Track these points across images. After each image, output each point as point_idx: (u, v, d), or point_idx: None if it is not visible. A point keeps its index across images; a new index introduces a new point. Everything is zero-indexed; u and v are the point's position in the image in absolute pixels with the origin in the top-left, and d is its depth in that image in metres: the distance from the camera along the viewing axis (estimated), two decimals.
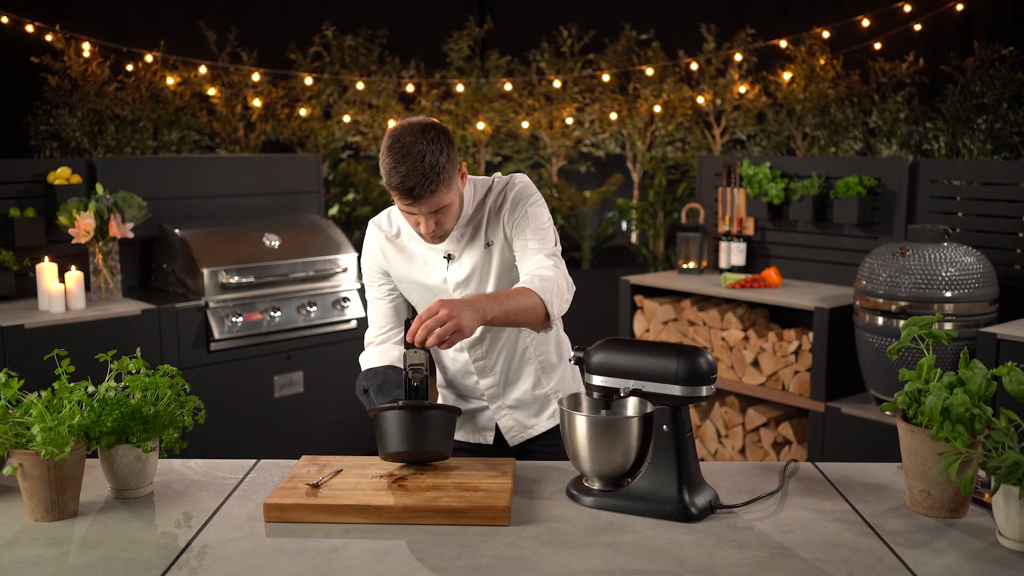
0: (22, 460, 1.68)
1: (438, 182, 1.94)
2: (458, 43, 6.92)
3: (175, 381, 1.88)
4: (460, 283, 2.16)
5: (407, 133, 1.96)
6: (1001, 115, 5.44)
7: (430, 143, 1.94)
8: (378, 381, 2.10)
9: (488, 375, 2.23)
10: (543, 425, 2.29)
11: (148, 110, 6.08)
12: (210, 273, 4.23)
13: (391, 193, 1.97)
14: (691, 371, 1.70)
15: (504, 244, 2.15)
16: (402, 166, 1.93)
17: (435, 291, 2.17)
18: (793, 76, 6.25)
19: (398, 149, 1.95)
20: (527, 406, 2.27)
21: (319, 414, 4.59)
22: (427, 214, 2.00)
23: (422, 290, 2.19)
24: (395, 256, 2.20)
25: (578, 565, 1.53)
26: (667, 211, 6.55)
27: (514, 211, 2.12)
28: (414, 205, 1.97)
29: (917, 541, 1.62)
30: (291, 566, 1.53)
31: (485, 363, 2.22)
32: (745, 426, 4.33)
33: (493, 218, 2.15)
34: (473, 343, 2.20)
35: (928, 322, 1.78)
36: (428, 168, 1.93)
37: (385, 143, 1.98)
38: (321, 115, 6.67)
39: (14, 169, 4.19)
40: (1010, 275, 3.83)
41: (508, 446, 2.29)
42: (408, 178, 1.92)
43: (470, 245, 2.16)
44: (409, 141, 1.95)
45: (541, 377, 2.27)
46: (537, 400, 2.28)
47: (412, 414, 1.83)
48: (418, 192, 1.94)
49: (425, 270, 2.17)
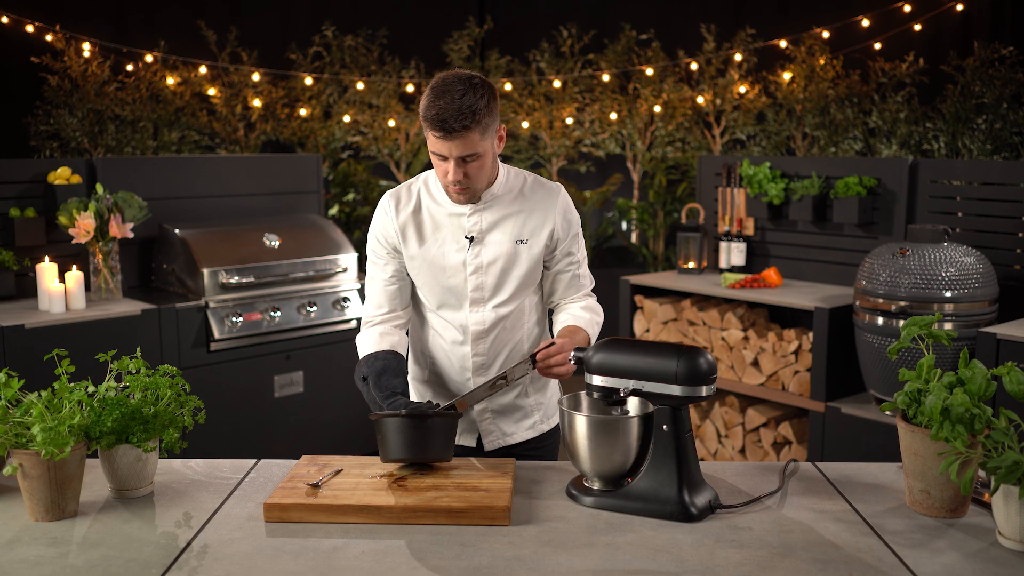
0: (22, 460, 1.68)
1: (473, 121, 1.94)
2: (458, 43, 6.92)
3: (175, 381, 1.88)
4: (479, 269, 2.13)
5: (452, 76, 1.99)
6: (1001, 115, 5.44)
7: (472, 87, 1.96)
8: (378, 368, 2.06)
9: (482, 373, 2.19)
10: (522, 435, 2.26)
11: (148, 110, 6.08)
12: (210, 273, 4.23)
13: (426, 130, 1.98)
14: (691, 371, 1.70)
15: (541, 250, 2.14)
16: (440, 99, 1.94)
17: (449, 273, 2.13)
18: (793, 76, 6.25)
19: (440, 85, 1.97)
20: (510, 413, 2.24)
21: (319, 414, 4.59)
22: (457, 160, 1.98)
23: (434, 271, 2.14)
24: (412, 230, 2.14)
25: (578, 565, 1.53)
26: (667, 211, 6.55)
27: (569, 229, 2.18)
28: (445, 140, 1.95)
29: (917, 541, 1.62)
30: (291, 566, 1.53)
31: (484, 360, 2.18)
32: (745, 426, 4.33)
33: (532, 218, 2.13)
34: (478, 336, 2.16)
35: (928, 322, 1.78)
36: (465, 106, 1.93)
37: (431, 82, 2.00)
38: (321, 115, 6.67)
39: (14, 169, 4.19)
40: (1010, 275, 3.83)
41: (484, 450, 2.26)
42: (444, 110, 1.93)
43: (497, 232, 2.13)
44: (452, 80, 1.97)
45: (529, 387, 2.25)
46: (520, 409, 2.25)
47: (414, 422, 1.82)
48: (451, 125, 1.93)
49: (444, 249, 2.12)
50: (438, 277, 2.14)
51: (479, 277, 2.13)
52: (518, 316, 2.19)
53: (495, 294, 2.14)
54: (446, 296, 2.15)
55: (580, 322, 2.16)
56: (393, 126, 6.56)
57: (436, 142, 1.97)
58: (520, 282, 2.15)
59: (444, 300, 2.16)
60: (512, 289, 2.14)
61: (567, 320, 2.18)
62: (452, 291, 2.14)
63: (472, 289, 2.13)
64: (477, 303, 2.14)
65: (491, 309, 2.15)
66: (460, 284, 2.13)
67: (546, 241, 2.15)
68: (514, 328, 2.19)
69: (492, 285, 2.13)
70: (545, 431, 2.30)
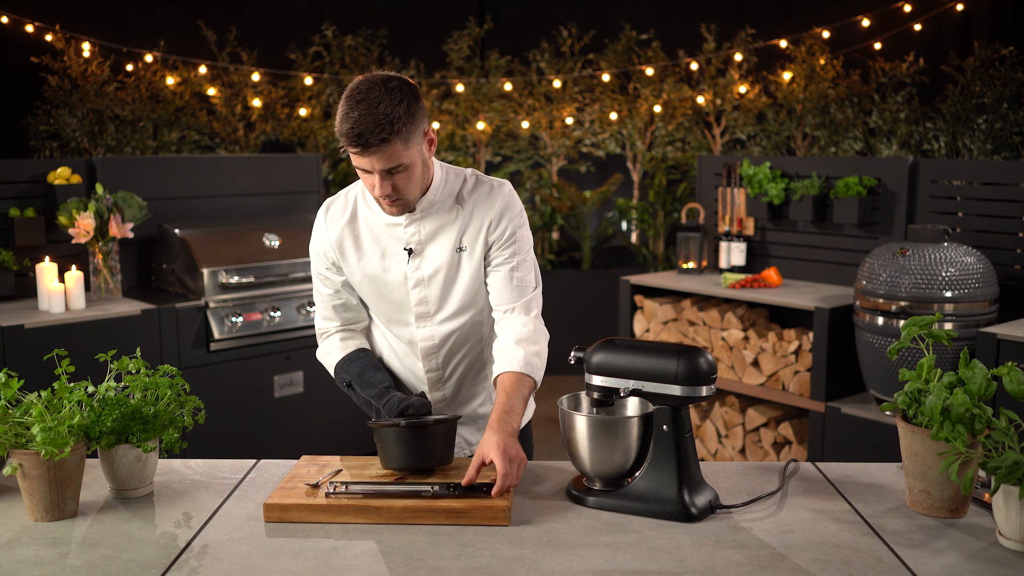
0: (22, 460, 1.68)
1: (391, 132, 1.78)
2: (458, 43, 6.92)
3: (175, 381, 1.88)
4: (421, 281, 2.00)
5: (366, 82, 1.83)
6: (1001, 115, 5.44)
7: (388, 92, 1.80)
8: (356, 369, 2.02)
9: (439, 388, 2.10)
10: None
11: (148, 110, 6.08)
12: (210, 273, 4.23)
13: (343, 144, 1.82)
14: (691, 371, 1.70)
15: (479, 257, 1.99)
16: (354, 111, 1.78)
17: (391, 288, 2.01)
18: (793, 76, 6.25)
19: (353, 95, 1.81)
20: (474, 423, 2.16)
21: (319, 414, 4.59)
22: (382, 173, 1.83)
23: (376, 285, 2.02)
24: (349, 245, 2.01)
25: (578, 565, 1.52)
26: (667, 211, 6.55)
27: (505, 226, 1.98)
28: (363, 156, 1.80)
29: (917, 541, 1.62)
30: (291, 566, 1.53)
31: (438, 375, 2.09)
32: (745, 426, 4.33)
33: (471, 223, 1.98)
34: (428, 352, 2.05)
35: (928, 322, 1.78)
36: (381, 116, 1.77)
37: (344, 94, 1.85)
38: (321, 115, 6.67)
39: (14, 169, 4.19)
40: (1010, 275, 3.83)
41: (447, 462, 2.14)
42: (358, 124, 1.77)
43: (436, 242, 1.99)
44: (366, 88, 1.81)
45: (493, 392, 2.12)
46: (482, 417, 2.16)
47: (414, 432, 1.82)
48: (367, 140, 1.77)
49: (383, 263, 2.00)
50: (380, 291, 2.02)
51: (421, 291, 2.00)
52: (472, 328, 2.06)
53: (440, 307, 2.02)
54: (391, 311, 2.05)
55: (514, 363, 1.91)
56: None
57: (355, 157, 1.82)
58: (464, 293, 2.01)
59: (390, 315, 2.06)
60: (458, 302, 2.01)
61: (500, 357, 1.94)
62: (396, 306, 2.03)
63: (416, 303, 2.01)
64: (423, 318, 2.03)
65: (439, 323, 2.03)
66: (403, 298, 2.02)
67: (483, 244, 1.98)
68: (468, 339, 2.07)
69: (436, 298, 2.00)
70: None
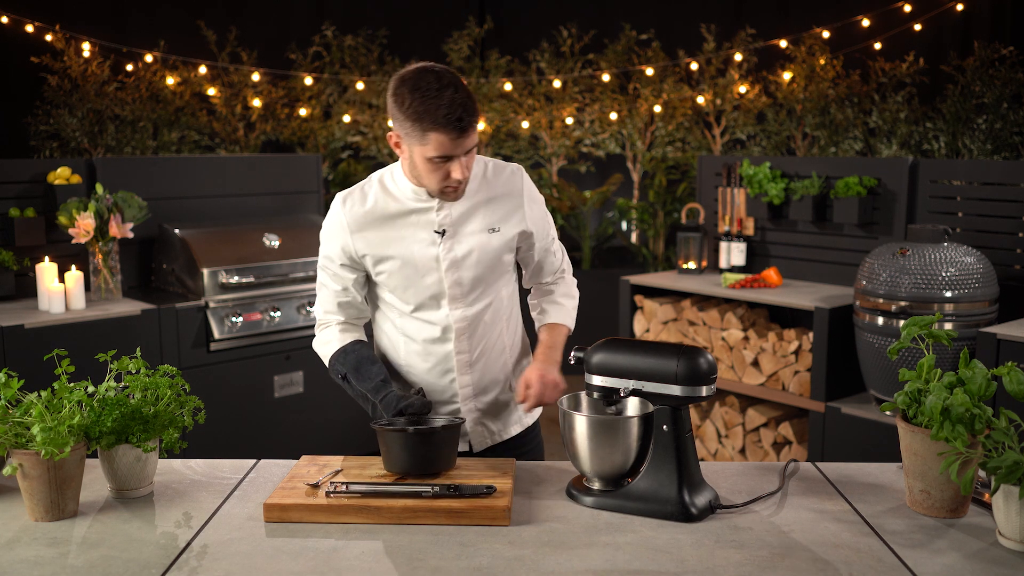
0: (22, 460, 1.68)
1: (476, 113, 1.83)
2: (458, 43, 6.92)
3: (175, 381, 1.88)
4: (456, 262, 2.02)
5: (427, 71, 1.85)
6: (1001, 115, 5.44)
7: (455, 77, 1.85)
8: (353, 362, 2.01)
9: (467, 372, 2.10)
10: (508, 431, 2.19)
11: (148, 110, 6.08)
12: (210, 273, 4.23)
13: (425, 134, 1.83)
14: (691, 371, 1.70)
15: (514, 236, 2.07)
16: (443, 96, 1.80)
17: (422, 272, 2.02)
18: (793, 76, 6.25)
19: (429, 83, 1.82)
20: (494, 411, 2.17)
21: (319, 414, 4.59)
22: (462, 155, 1.87)
23: (406, 271, 2.02)
24: (373, 233, 2.01)
25: (578, 565, 1.52)
26: (667, 211, 6.55)
27: (536, 208, 2.11)
28: (459, 139, 1.84)
29: (917, 541, 1.62)
30: (291, 566, 1.53)
31: (468, 358, 2.09)
32: (745, 426, 4.33)
33: (500, 204, 2.04)
34: (461, 333, 2.07)
35: (928, 322, 1.78)
36: (467, 97, 1.83)
37: (406, 85, 1.84)
38: (321, 115, 6.67)
39: (14, 169, 4.19)
40: (1010, 275, 3.83)
41: (472, 451, 2.17)
42: (455, 107, 1.80)
43: (468, 223, 2.02)
44: (440, 72, 1.84)
45: (513, 381, 2.18)
46: (504, 405, 2.18)
47: (421, 438, 1.81)
48: (467, 121, 1.82)
49: (413, 248, 2.01)
50: (411, 277, 2.02)
51: (455, 272, 2.02)
52: (498, 308, 2.12)
53: (474, 288, 2.05)
54: (422, 296, 2.04)
55: (559, 315, 2.19)
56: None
57: (445, 143, 1.83)
58: (497, 273, 2.08)
59: (420, 301, 2.05)
60: (491, 280, 2.07)
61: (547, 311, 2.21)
62: (428, 290, 2.04)
63: (450, 286, 2.03)
64: (457, 300, 2.05)
65: (471, 303, 2.06)
66: (436, 282, 2.03)
67: (517, 225, 2.06)
68: (496, 319, 2.12)
69: (470, 278, 2.04)
70: (529, 424, 2.24)
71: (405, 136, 1.90)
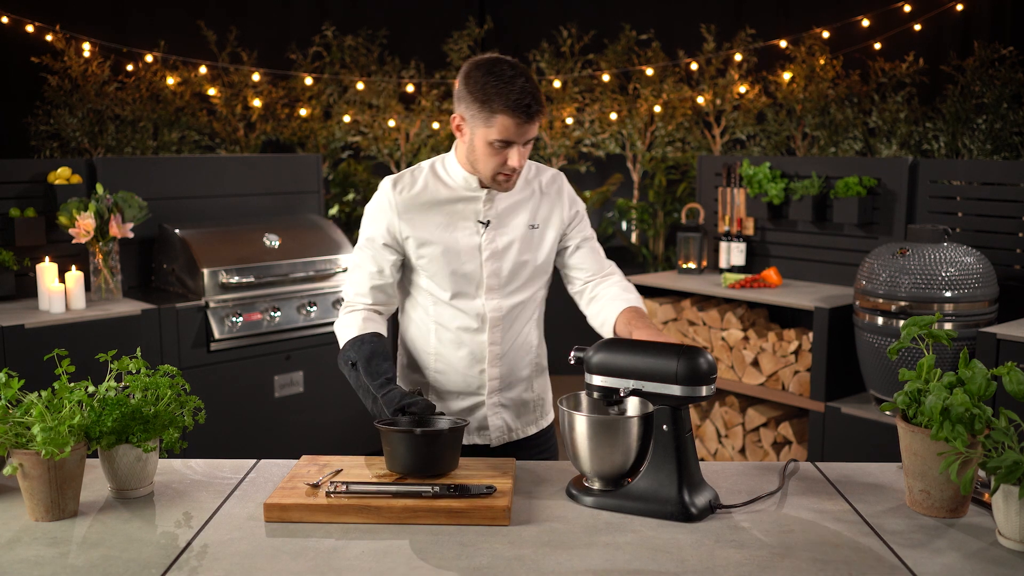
0: (22, 460, 1.68)
1: (543, 103, 1.92)
2: (458, 43, 6.91)
3: (175, 381, 1.88)
4: (496, 253, 2.09)
5: (501, 59, 1.94)
6: (1001, 115, 5.43)
7: (523, 66, 1.93)
8: (366, 352, 2.01)
9: (496, 364, 2.14)
10: (525, 430, 2.24)
11: (148, 110, 6.08)
12: (210, 273, 4.23)
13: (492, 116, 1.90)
14: (691, 371, 1.70)
15: (554, 236, 2.14)
16: (515, 83, 1.89)
17: (463, 259, 2.07)
18: (793, 76, 6.25)
19: (501, 70, 1.91)
20: (516, 408, 2.21)
21: (319, 414, 4.59)
22: (522, 144, 1.94)
23: (447, 256, 2.07)
24: (419, 216, 2.07)
25: (578, 565, 1.53)
26: (667, 211, 6.55)
27: (576, 210, 2.18)
28: (524, 125, 1.91)
29: (917, 541, 1.62)
30: (291, 566, 1.53)
31: (499, 349, 2.13)
32: (745, 426, 4.33)
33: (542, 203, 2.13)
34: (495, 323, 2.11)
35: (928, 322, 1.78)
36: (535, 87, 1.91)
37: (480, 69, 1.93)
38: (321, 115, 6.67)
39: (14, 169, 4.19)
40: (1010, 275, 3.83)
41: (490, 447, 2.20)
42: (524, 93, 1.88)
43: (511, 217, 2.10)
44: (512, 62, 1.92)
45: (534, 380, 2.23)
46: (525, 404, 2.22)
47: (426, 439, 1.81)
48: (534, 108, 1.90)
49: (456, 235, 2.07)
50: (452, 264, 2.07)
51: (495, 262, 2.09)
52: (531, 304, 2.17)
53: (511, 280, 2.11)
54: (461, 284, 2.09)
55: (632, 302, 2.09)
56: (393, 126, 6.56)
57: (510, 128, 1.91)
58: (535, 267, 2.13)
59: (459, 288, 2.10)
60: (526, 276, 2.13)
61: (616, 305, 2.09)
62: (467, 278, 2.09)
63: (488, 275, 2.09)
64: (493, 289, 2.10)
65: (507, 295, 2.12)
66: (476, 270, 2.09)
67: (557, 225, 2.15)
68: (528, 315, 2.17)
69: (508, 271, 2.10)
70: (544, 426, 2.29)
71: (470, 118, 1.96)
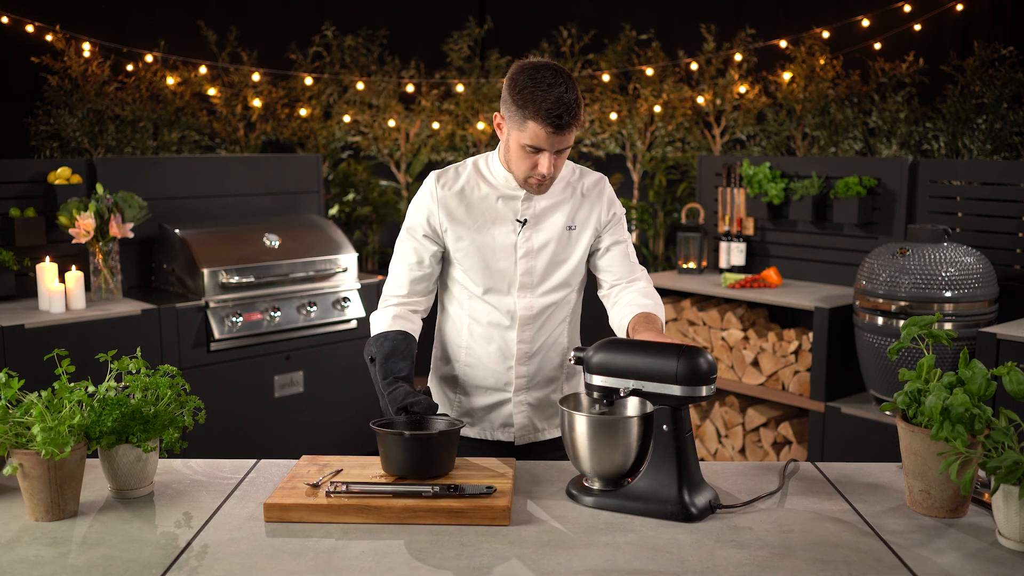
0: (22, 460, 1.68)
1: (579, 115, 1.93)
2: (458, 43, 6.91)
3: (175, 381, 1.88)
4: (531, 252, 2.11)
5: (544, 66, 1.95)
6: (1001, 115, 5.43)
7: (569, 78, 1.94)
8: (387, 349, 2.03)
9: (525, 362, 2.16)
10: (549, 432, 2.24)
11: (148, 110, 6.07)
12: (210, 273, 4.23)
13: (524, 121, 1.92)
14: (691, 371, 1.70)
15: (586, 239, 2.15)
16: (552, 91, 1.90)
17: (498, 256, 2.10)
18: (793, 76, 6.25)
19: (541, 76, 1.92)
20: (543, 408, 2.21)
21: (319, 414, 4.59)
22: (553, 153, 1.96)
23: (483, 252, 2.10)
24: (460, 210, 2.11)
25: (578, 565, 1.53)
26: (667, 211, 6.55)
27: (614, 212, 2.19)
28: (558, 135, 1.92)
29: (917, 541, 1.62)
30: (291, 566, 1.53)
31: (528, 348, 2.15)
32: (745, 426, 4.33)
33: (582, 206, 2.14)
34: (525, 322, 2.13)
35: (928, 322, 1.78)
36: (574, 99, 1.92)
37: (524, 72, 1.94)
38: (321, 115, 6.67)
39: (14, 169, 4.19)
40: (1010, 275, 3.83)
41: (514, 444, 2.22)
42: (559, 103, 1.90)
43: (549, 217, 2.12)
44: (551, 71, 1.93)
45: (564, 383, 2.23)
46: (551, 405, 2.23)
47: (418, 442, 1.81)
48: (566, 120, 1.91)
49: (493, 232, 2.10)
50: (487, 259, 2.10)
51: (529, 261, 2.11)
52: (563, 305, 2.18)
53: (544, 280, 2.13)
54: (494, 280, 2.12)
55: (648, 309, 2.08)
56: (393, 126, 6.56)
57: (540, 135, 1.93)
58: (568, 269, 2.14)
59: (491, 284, 2.12)
60: (561, 277, 2.14)
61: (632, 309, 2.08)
62: (501, 275, 2.11)
63: (522, 273, 2.11)
64: (526, 288, 2.12)
65: (539, 295, 2.13)
66: (509, 268, 2.11)
67: (594, 227, 2.16)
68: (560, 316, 2.17)
69: (542, 270, 2.12)
70: None
71: (508, 119, 1.99)
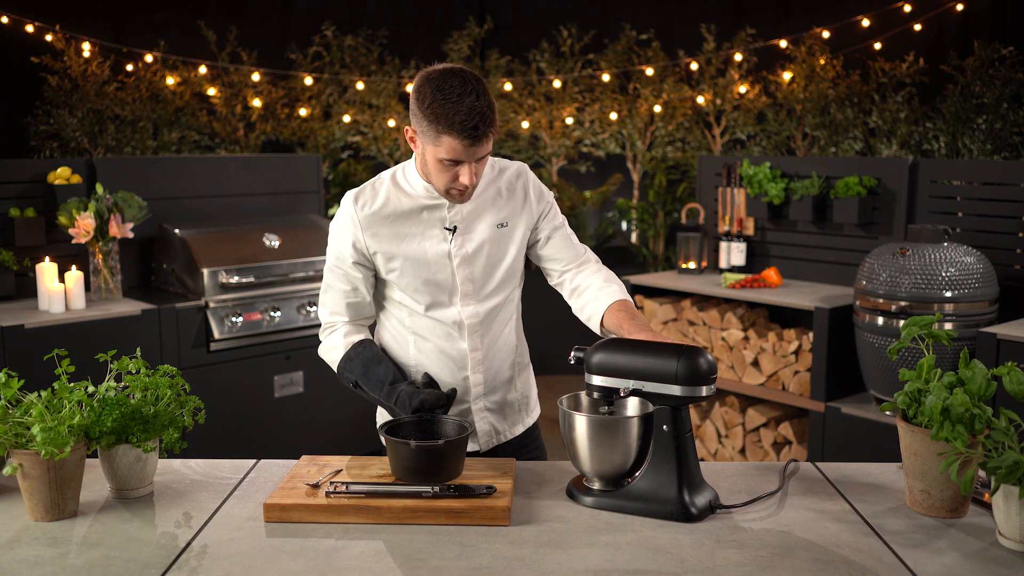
0: (22, 460, 1.68)
1: (493, 122, 1.84)
2: (458, 43, 6.92)
3: (175, 381, 1.88)
4: (467, 258, 2.04)
5: (453, 73, 1.84)
6: (1001, 115, 5.44)
7: (480, 83, 1.86)
8: (360, 368, 2.00)
9: (479, 370, 2.11)
10: (511, 431, 2.20)
11: (148, 110, 6.08)
12: (210, 273, 4.23)
13: (438, 135, 1.83)
14: (691, 371, 1.70)
15: (520, 233, 2.09)
16: (463, 102, 1.81)
17: (434, 269, 2.03)
18: (793, 76, 6.25)
19: (451, 86, 1.82)
20: (502, 410, 2.18)
21: (319, 414, 4.59)
22: (473, 162, 1.88)
23: (418, 268, 2.02)
24: (385, 231, 2.02)
25: (578, 565, 1.52)
26: (667, 211, 6.55)
27: (544, 200, 2.12)
28: (475, 146, 1.84)
29: (917, 541, 1.62)
30: (291, 566, 1.53)
31: (480, 355, 2.10)
32: (745, 426, 4.33)
33: (508, 200, 2.08)
34: (473, 329, 2.07)
35: (928, 322, 1.78)
36: (486, 106, 1.83)
37: (429, 85, 1.84)
38: (321, 115, 6.67)
39: (14, 169, 4.19)
40: (1010, 275, 3.83)
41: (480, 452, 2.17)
42: (472, 114, 1.80)
43: (478, 220, 2.05)
44: (466, 76, 1.84)
45: (516, 379, 2.19)
46: (510, 404, 2.19)
47: (429, 452, 1.79)
48: (483, 130, 1.82)
49: (424, 245, 2.02)
50: (422, 274, 2.03)
51: (466, 268, 2.04)
52: (507, 307, 2.13)
53: (485, 284, 2.07)
54: (434, 294, 2.05)
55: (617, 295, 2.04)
56: (393, 126, 6.56)
57: (457, 148, 1.84)
58: (506, 269, 2.09)
59: (433, 298, 2.05)
60: (500, 277, 2.09)
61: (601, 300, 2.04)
62: (440, 287, 2.04)
63: (462, 281, 2.05)
64: (468, 296, 2.06)
65: (483, 300, 2.08)
66: (448, 278, 2.04)
67: (527, 221, 2.09)
68: (506, 316, 2.13)
69: (480, 274, 2.06)
70: (530, 424, 2.26)
71: (421, 134, 1.90)
